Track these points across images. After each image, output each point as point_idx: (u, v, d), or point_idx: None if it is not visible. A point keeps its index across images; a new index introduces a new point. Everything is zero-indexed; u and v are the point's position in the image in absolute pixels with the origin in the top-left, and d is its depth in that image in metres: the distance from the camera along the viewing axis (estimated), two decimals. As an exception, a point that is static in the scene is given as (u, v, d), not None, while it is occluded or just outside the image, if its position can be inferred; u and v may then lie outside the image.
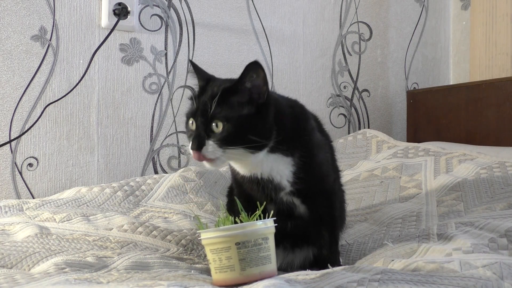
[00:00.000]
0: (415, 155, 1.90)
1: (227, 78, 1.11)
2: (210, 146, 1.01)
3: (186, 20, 2.13)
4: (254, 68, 1.02)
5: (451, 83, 2.71)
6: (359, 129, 2.48)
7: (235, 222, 0.96)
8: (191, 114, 1.06)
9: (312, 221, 1.16)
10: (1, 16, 1.82)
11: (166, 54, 2.09)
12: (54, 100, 1.89)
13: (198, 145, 1.01)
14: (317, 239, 1.15)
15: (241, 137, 1.02)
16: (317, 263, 1.14)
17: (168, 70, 2.09)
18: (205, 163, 1.04)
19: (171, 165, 2.09)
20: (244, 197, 1.14)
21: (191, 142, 1.03)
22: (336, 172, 1.26)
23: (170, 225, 1.49)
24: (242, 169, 1.12)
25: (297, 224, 1.18)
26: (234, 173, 1.18)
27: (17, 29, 1.84)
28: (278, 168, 1.09)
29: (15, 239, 1.29)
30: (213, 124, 1.02)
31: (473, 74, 2.52)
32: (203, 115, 1.03)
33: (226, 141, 1.01)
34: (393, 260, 0.99)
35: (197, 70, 1.12)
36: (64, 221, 1.45)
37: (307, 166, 1.11)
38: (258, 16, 2.26)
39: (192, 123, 1.05)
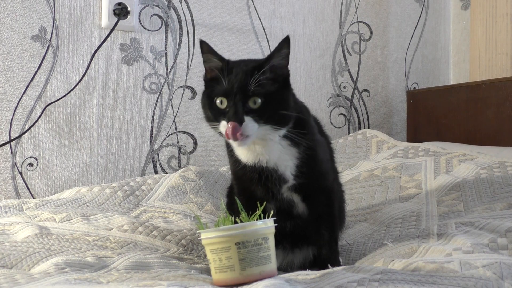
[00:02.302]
0: (415, 155, 1.90)
1: (249, 59, 1.13)
2: (249, 122, 1.03)
3: (186, 20, 2.13)
4: (286, 45, 1.07)
5: (451, 83, 2.71)
6: (359, 129, 2.48)
7: (235, 222, 0.96)
8: (221, 93, 1.05)
9: (312, 220, 1.16)
10: (1, 16, 1.82)
11: (166, 54, 2.09)
12: (54, 100, 1.89)
13: (240, 121, 1.02)
14: (316, 238, 1.15)
15: (274, 113, 1.05)
16: (317, 263, 1.14)
17: (168, 70, 2.09)
18: (236, 142, 1.04)
19: (171, 165, 2.09)
20: (244, 195, 1.14)
21: (226, 119, 1.03)
22: (335, 172, 1.27)
23: (170, 225, 1.49)
24: (249, 155, 1.11)
25: (296, 224, 1.18)
26: (234, 167, 1.16)
27: (17, 29, 1.84)
28: (284, 157, 1.10)
29: (15, 239, 1.29)
30: (251, 100, 1.03)
31: (473, 74, 2.52)
32: (240, 91, 1.03)
33: (262, 117, 1.04)
34: (393, 260, 0.99)
35: (212, 50, 1.11)
36: (64, 221, 1.45)
37: (310, 160, 1.11)
38: (258, 16, 2.26)
39: (221, 102, 1.05)
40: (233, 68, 1.07)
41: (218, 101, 1.05)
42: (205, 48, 1.11)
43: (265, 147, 1.09)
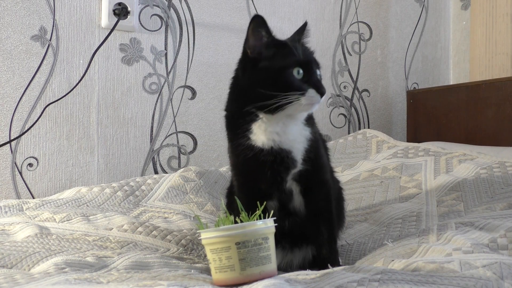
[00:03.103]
0: (415, 155, 1.90)
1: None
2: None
3: (186, 20, 2.13)
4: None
5: (451, 83, 2.71)
6: (359, 129, 2.48)
7: (235, 222, 0.96)
8: (297, 64, 1.09)
9: (309, 218, 1.16)
10: (1, 16, 1.82)
11: (166, 54, 2.09)
12: (54, 100, 1.89)
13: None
14: (315, 237, 1.15)
15: None
16: (316, 263, 1.14)
17: (168, 70, 2.09)
18: (314, 105, 1.09)
19: (171, 165, 2.09)
20: (246, 192, 1.14)
21: (317, 87, 1.08)
22: (331, 170, 1.28)
23: (170, 225, 1.49)
24: (271, 136, 1.11)
25: (294, 222, 1.18)
26: (243, 156, 1.13)
27: (17, 29, 1.84)
28: (299, 138, 1.13)
29: (15, 239, 1.29)
30: (318, 71, 1.13)
31: (473, 74, 2.52)
32: (314, 64, 1.12)
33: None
34: (393, 260, 0.99)
35: (267, 26, 1.13)
36: (64, 221, 1.45)
37: (315, 145, 1.15)
38: (258, 16, 2.26)
39: (298, 72, 1.08)
40: (294, 43, 1.13)
41: (295, 71, 1.08)
42: (260, 23, 1.12)
43: (291, 123, 1.11)
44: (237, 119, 1.13)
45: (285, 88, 1.06)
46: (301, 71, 1.08)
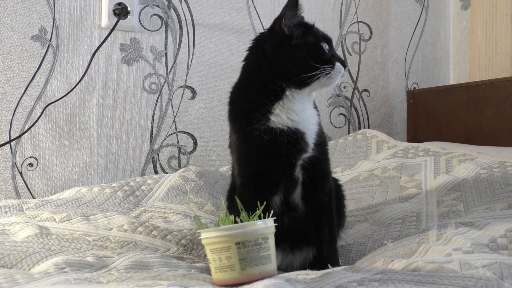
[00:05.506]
0: (415, 155, 1.90)
1: None
2: None
3: (186, 20, 2.13)
4: None
5: (451, 83, 2.71)
6: (359, 129, 2.48)
7: (235, 222, 0.96)
8: (324, 39, 1.18)
9: (310, 213, 1.16)
10: (1, 16, 1.82)
11: (166, 54, 2.09)
12: (54, 100, 1.89)
13: None
14: (316, 233, 1.15)
15: None
16: (317, 263, 1.14)
17: (168, 70, 2.09)
18: (337, 78, 1.17)
19: (171, 165, 2.09)
20: (253, 185, 1.14)
21: (341, 61, 1.16)
22: None
23: (170, 225, 1.49)
24: (291, 115, 1.13)
25: (294, 218, 1.17)
26: (259, 141, 1.12)
27: (17, 29, 1.84)
28: (312, 120, 1.17)
29: (15, 239, 1.29)
30: None
31: (473, 74, 2.52)
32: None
33: None
34: (393, 260, 0.99)
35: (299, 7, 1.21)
36: (64, 221, 1.46)
37: (322, 131, 1.19)
38: (258, 16, 2.26)
39: (325, 47, 1.17)
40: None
41: (325, 46, 1.16)
42: (296, 2, 1.22)
43: (308, 103, 1.17)
44: (255, 103, 1.14)
45: (323, 61, 1.13)
46: (327, 46, 1.16)
